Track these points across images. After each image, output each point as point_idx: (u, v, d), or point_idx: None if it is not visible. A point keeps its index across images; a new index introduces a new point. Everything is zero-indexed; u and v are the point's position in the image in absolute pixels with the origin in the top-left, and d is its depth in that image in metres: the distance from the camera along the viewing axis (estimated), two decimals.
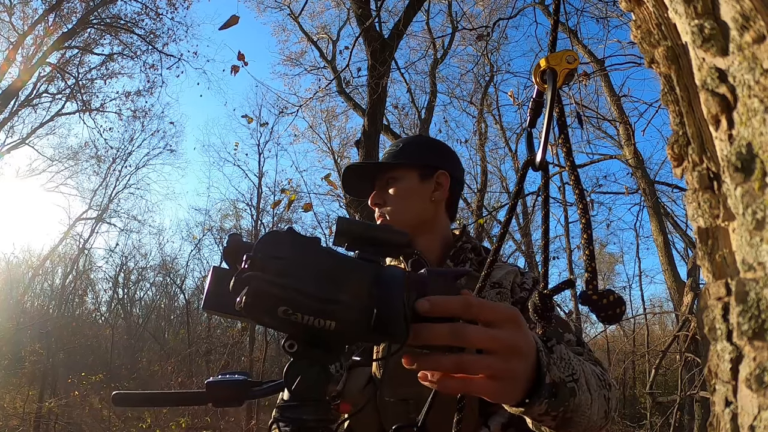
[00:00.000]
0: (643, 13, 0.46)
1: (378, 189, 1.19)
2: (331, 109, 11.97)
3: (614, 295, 0.57)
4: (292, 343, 0.53)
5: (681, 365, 4.31)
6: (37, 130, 12.62)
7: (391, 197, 1.16)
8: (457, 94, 11.19)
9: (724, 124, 0.36)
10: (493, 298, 1.07)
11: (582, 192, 0.62)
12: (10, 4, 9.57)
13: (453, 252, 1.15)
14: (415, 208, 1.16)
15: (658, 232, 7.38)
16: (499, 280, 1.10)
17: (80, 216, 15.27)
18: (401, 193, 1.16)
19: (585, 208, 0.61)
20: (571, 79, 0.65)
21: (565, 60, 0.63)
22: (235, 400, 0.57)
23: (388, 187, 1.17)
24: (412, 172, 1.17)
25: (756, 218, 0.33)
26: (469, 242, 1.18)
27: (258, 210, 14.47)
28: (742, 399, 0.34)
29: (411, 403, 0.95)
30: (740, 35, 0.34)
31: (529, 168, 0.68)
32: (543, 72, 0.65)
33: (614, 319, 0.57)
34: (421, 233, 1.16)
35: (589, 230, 0.60)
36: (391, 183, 1.17)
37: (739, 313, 0.33)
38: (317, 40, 9.86)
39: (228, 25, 3.62)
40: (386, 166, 1.19)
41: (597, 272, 0.59)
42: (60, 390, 10.07)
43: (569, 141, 0.64)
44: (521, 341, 0.56)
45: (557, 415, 0.65)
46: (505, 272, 1.11)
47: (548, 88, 0.63)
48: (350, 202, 5.44)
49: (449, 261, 1.14)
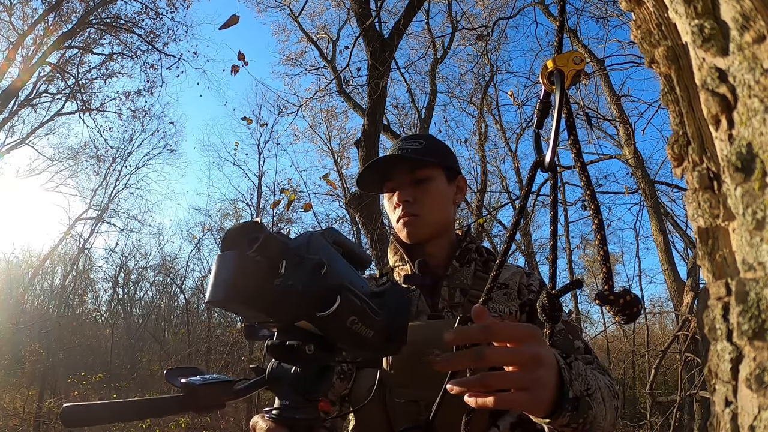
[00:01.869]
0: (643, 13, 0.46)
1: (404, 185, 1.12)
2: (331, 109, 11.96)
3: (631, 294, 0.58)
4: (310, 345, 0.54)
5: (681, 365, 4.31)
6: (37, 130, 12.62)
7: (423, 196, 1.11)
8: (457, 94, 11.19)
9: (724, 124, 0.36)
10: (501, 299, 1.07)
11: (593, 193, 0.62)
12: (10, 3, 9.57)
13: (459, 253, 1.14)
14: (444, 210, 1.14)
15: (658, 232, 7.38)
16: (506, 281, 1.10)
17: (80, 216, 15.27)
18: (435, 194, 1.12)
19: (597, 209, 0.61)
20: (579, 80, 0.65)
21: (572, 61, 0.64)
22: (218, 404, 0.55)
23: (420, 185, 1.12)
24: (440, 172, 1.14)
25: (756, 218, 0.33)
26: (473, 243, 1.17)
27: (258, 210, 14.46)
28: (742, 399, 0.34)
29: (421, 404, 0.95)
30: (740, 35, 0.34)
31: (538, 169, 0.69)
32: (550, 73, 0.65)
33: (631, 318, 0.59)
34: (440, 236, 1.15)
35: (602, 231, 0.61)
36: (424, 182, 1.12)
37: (739, 313, 0.33)
38: (317, 40, 9.86)
39: (228, 24, 3.62)
40: (421, 163, 1.12)
41: (612, 272, 0.60)
42: (60, 390, 10.06)
43: (578, 142, 0.64)
44: (543, 353, 0.61)
45: (577, 427, 0.68)
46: (510, 273, 1.11)
47: (556, 89, 0.64)
48: (350, 201, 5.44)
49: (455, 261, 1.13)
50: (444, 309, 1.07)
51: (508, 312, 1.06)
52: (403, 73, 9.32)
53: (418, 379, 0.96)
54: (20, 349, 11.13)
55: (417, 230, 1.11)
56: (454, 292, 1.09)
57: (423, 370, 0.94)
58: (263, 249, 0.49)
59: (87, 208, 15.24)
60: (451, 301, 1.08)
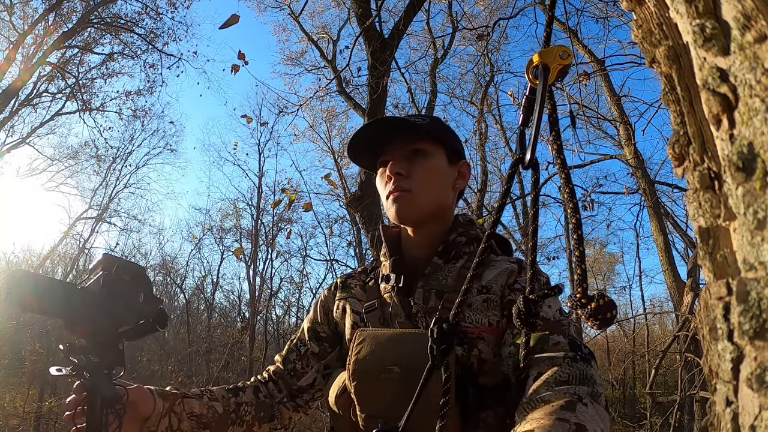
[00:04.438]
0: (644, 13, 0.46)
1: (400, 158, 1.01)
2: (331, 109, 11.94)
3: (604, 299, 0.54)
4: None
5: (681, 365, 4.30)
6: (37, 130, 12.61)
7: (418, 170, 1.00)
8: (457, 94, 11.18)
9: (726, 124, 0.36)
10: (479, 307, 0.94)
11: (572, 191, 0.60)
12: (10, 3, 9.57)
13: (441, 248, 1.01)
14: (441, 191, 1.03)
15: (658, 232, 7.38)
16: (489, 283, 0.96)
17: (80, 215, 15.25)
18: (432, 171, 1.01)
19: (575, 208, 0.58)
20: (565, 75, 0.62)
21: (558, 56, 0.60)
22: None
23: (416, 159, 1.01)
24: (441, 150, 1.03)
25: (757, 218, 0.33)
26: (465, 235, 1.03)
27: (258, 209, 14.46)
28: (743, 399, 0.34)
29: (380, 421, 0.88)
30: (742, 35, 0.34)
31: (518, 167, 0.65)
32: (536, 68, 0.62)
33: (604, 323, 0.55)
34: (434, 220, 1.03)
35: (579, 230, 0.58)
36: (419, 155, 1.01)
37: (740, 313, 0.33)
38: (317, 40, 9.85)
39: (228, 24, 3.62)
40: (421, 131, 1.00)
41: (587, 274, 0.57)
42: (60, 390, 10.06)
43: (560, 138, 0.61)
44: None
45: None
46: (498, 272, 0.97)
47: (539, 84, 0.61)
48: (350, 201, 5.44)
49: (436, 258, 1.00)
50: (417, 314, 0.97)
51: (487, 323, 0.93)
52: (403, 73, 9.31)
53: (376, 395, 0.90)
54: (20, 349, 11.13)
55: (407, 208, 0.99)
56: (429, 295, 0.97)
57: (381, 387, 0.89)
58: None
59: (87, 208, 15.23)
60: (425, 305, 0.97)
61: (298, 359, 1.12)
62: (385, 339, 0.93)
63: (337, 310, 1.12)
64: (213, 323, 14.65)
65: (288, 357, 1.14)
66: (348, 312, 1.08)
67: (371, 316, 1.02)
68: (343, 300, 1.11)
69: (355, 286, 1.11)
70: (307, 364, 1.12)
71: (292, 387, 1.12)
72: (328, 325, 1.13)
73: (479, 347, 0.92)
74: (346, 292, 1.12)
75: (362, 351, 0.92)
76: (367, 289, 1.09)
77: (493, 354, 0.92)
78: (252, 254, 14.19)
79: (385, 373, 0.89)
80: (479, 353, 0.91)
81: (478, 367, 0.91)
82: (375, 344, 0.93)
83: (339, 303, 1.12)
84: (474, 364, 0.91)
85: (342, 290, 1.13)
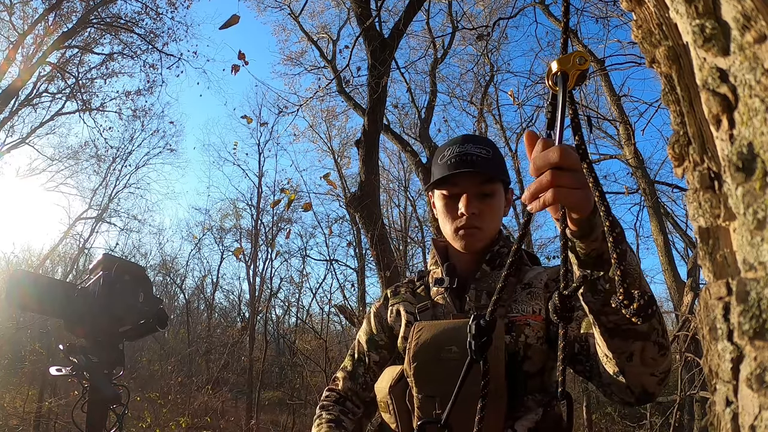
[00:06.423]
0: (644, 13, 0.46)
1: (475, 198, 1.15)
2: (331, 109, 11.94)
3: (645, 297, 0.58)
4: None
5: (681, 365, 4.31)
6: (37, 130, 12.61)
7: (486, 211, 1.15)
8: (457, 94, 11.17)
9: (725, 124, 0.36)
10: (524, 299, 1.10)
11: (603, 194, 0.61)
12: (10, 3, 9.57)
13: (489, 257, 1.17)
14: (498, 223, 1.20)
15: (658, 232, 7.39)
16: (530, 280, 1.13)
17: (80, 215, 15.25)
18: (495, 209, 1.17)
19: (608, 210, 0.61)
20: (584, 80, 0.65)
21: (575, 61, 0.64)
22: None
23: (486, 200, 1.15)
24: (501, 188, 1.18)
25: (757, 218, 0.33)
26: (507, 247, 1.19)
27: (258, 209, 14.47)
28: (743, 399, 0.34)
29: (437, 400, 1.00)
30: (741, 35, 0.34)
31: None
32: (555, 75, 0.65)
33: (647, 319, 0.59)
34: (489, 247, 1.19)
35: (614, 231, 0.61)
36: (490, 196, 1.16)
37: (740, 313, 0.33)
38: (317, 40, 9.85)
39: (228, 24, 3.62)
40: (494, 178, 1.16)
41: (627, 275, 0.59)
42: (60, 390, 10.06)
43: (584, 143, 0.64)
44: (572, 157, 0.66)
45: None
46: (536, 273, 1.15)
47: (559, 91, 0.64)
48: (350, 201, 5.44)
49: (485, 265, 1.17)
50: (470, 310, 1.11)
51: (531, 311, 1.08)
52: (403, 72, 9.30)
53: (435, 375, 1.02)
54: (20, 349, 11.13)
55: (476, 243, 1.16)
56: (480, 294, 1.14)
57: (441, 366, 1.01)
58: None
59: (87, 208, 15.24)
60: (477, 303, 1.13)
61: (366, 372, 1.26)
62: (443, 326, 1.07)
63: (391, 314, 1.24)
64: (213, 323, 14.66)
65: (356, 372, 1.27)
66: (402, 313, 1.21)
67: (424, 315, 1.16)
68: (396, 304, 1.24)
69: (405, 292, 1.25)
70: (374, 374, 1.23)
71: (365, 399, 1.26)
72: (384, 332, 1.25)
73: (525, 332, 1.06)
74: (398, 297, 1.26)
75: (422, 336, 1.06)
76: (417, 294, 1.23)
77: (536, 339, 1.06)
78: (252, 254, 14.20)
79: (444, 352, 1.02)
80: (525, 338, 1.06)
81: (524, 353, 1.05)
82: (434, 330, 1.07)
83: (392, 308, 1.24)
84: (520, 350, 1.05)
85: (394, 296, 1.27)
